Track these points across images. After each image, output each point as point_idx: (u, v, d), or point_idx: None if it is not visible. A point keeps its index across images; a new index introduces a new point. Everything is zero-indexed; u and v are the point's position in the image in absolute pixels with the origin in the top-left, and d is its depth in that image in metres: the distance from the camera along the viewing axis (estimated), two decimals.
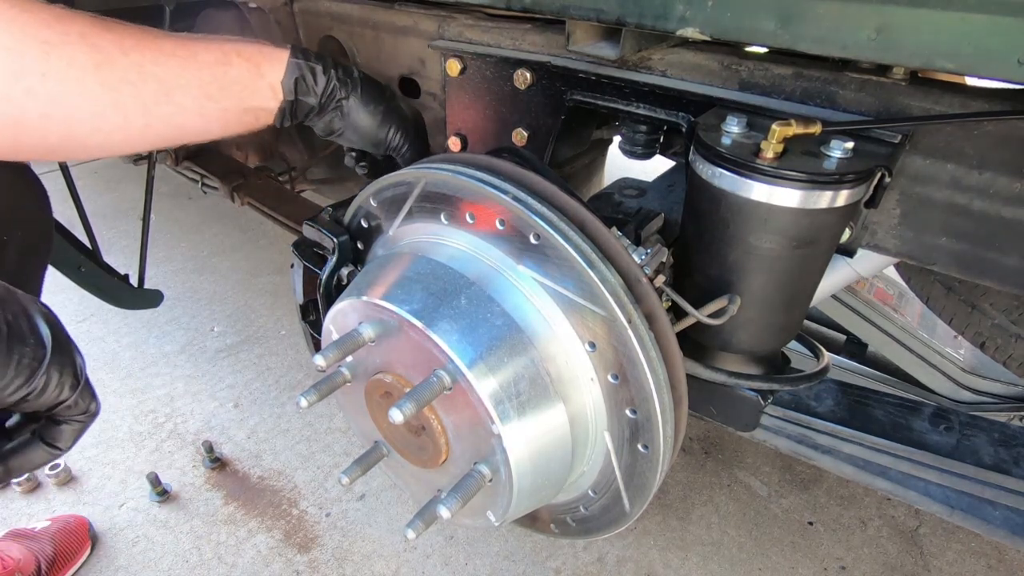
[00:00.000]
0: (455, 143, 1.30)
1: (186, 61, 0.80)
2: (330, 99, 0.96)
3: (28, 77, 0.69)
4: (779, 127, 0.72)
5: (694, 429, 2.11)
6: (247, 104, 0.87)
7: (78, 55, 0.71)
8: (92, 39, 0.72)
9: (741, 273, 0.83)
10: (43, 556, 1.57)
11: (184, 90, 0.80)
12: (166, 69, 0.78)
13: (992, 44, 0.61)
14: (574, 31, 0.95)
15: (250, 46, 0.87)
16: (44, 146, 0.76)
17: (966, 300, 1.35)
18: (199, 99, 0.82)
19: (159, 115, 0.79)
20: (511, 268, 0.77)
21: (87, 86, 0.73)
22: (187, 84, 0.80)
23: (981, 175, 0.79)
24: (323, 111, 0.96)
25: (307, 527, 1.78)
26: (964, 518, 1.20)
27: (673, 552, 1.74)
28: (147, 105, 0.77)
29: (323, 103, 0.95)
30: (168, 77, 0.78)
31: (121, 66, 0.74)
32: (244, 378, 2.29)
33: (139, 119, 0.78)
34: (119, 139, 0.79)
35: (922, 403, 1.32)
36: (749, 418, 0.98)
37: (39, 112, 0.71)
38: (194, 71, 0.81)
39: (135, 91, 0.76)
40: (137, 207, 2.04)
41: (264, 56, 0.87)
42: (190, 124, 0.83)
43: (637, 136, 1.05)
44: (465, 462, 0.79)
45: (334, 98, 0.96)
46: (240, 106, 0.86)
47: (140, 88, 0.76)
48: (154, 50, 0.77)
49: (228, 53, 0.84)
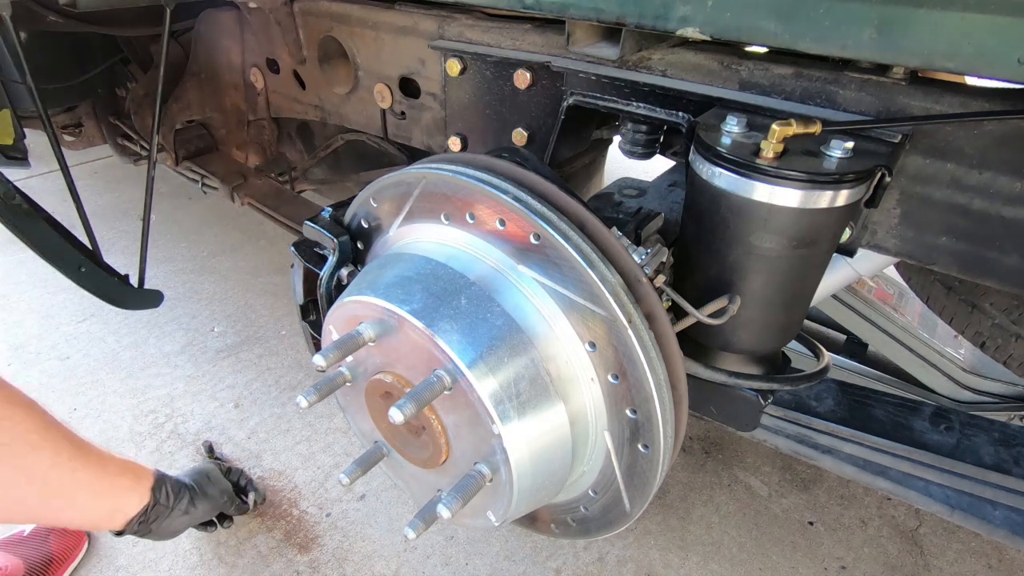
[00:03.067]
0: (455, 143, 1.30)
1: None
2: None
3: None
4: (779, 127, 0.72)
5: (694, 429, 2.11)
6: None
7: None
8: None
9: (741, 273, 0.83)
10: (35, 559, 1.56)
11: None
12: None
13: (992, 44, 0.61)
14: (574, 31, 0.95)
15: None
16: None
17: (966, 300, 1.35)
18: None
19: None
20: (511, 268, 0.77)
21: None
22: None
23: (981, 175, 0.79)
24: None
25: (307, 527, 1.78)
26: (964, 518, 1.20)
27: (673, 552, 1.74)
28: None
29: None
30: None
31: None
32: (244, 378, 2.29)
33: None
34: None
35: (922, 403, 1.32)
36: (749, 418, 0.98)
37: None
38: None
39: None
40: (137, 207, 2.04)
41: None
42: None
43: (637, 136, 1.05)
44: (465, 462, 0.79)
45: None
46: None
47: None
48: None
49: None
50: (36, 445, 1.03)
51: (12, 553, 1.57)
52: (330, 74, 1.56)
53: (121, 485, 1.21)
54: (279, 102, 1.84)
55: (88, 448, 1.15)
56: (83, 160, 3.67)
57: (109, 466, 1.19)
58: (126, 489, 1.23)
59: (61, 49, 2.20)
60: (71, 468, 1.09)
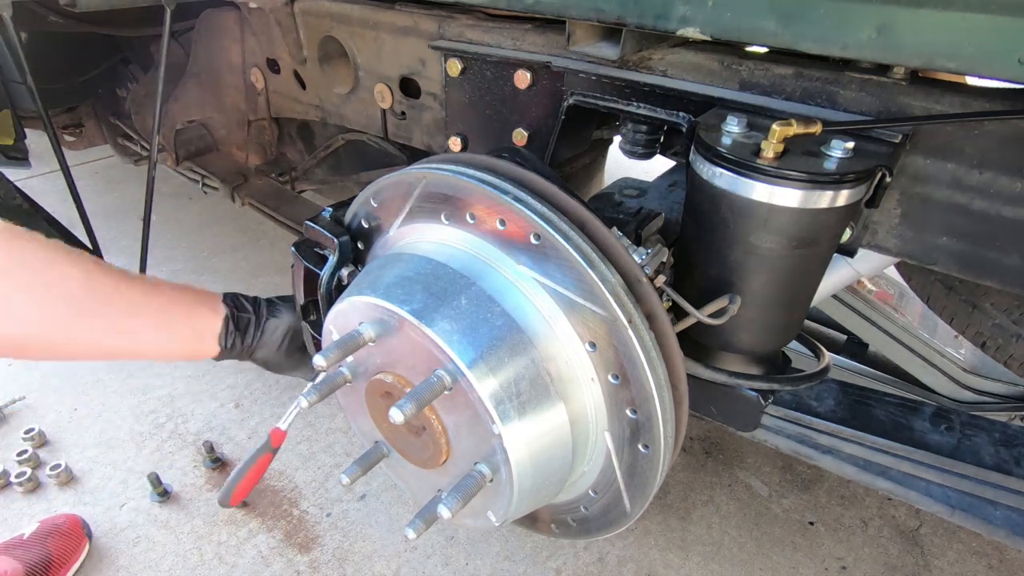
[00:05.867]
0: (455, 143, 1.30)
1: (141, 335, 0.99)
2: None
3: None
4: (779, 127, 0.72)
5: (694, 429, 2.11)
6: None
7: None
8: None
9: (741, 273, 0.83)
10: (35, 562, 1.56)
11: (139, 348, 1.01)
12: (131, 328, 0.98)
13: (992, 43, 0.61)
14: (574, 31, 0.95)
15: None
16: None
17: (967, 300, 1.35)
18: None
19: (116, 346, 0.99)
20: (511, 268, 0.77)
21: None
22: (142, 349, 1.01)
23: (982, 175, 0.79)
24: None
25: (308, 527, 1.78)
26: (965, 518, 1.20)
27: (674, 552, 1.74)
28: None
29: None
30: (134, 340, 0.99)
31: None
32: (245, 378, 2.29)
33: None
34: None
35: (923, 403, 1.32)
36: (750, 418, 0.98)
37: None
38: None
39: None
40: (137, 207, 2.04)
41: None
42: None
43: (637, 136, 1.05)
44: (466, 462, 0.79)
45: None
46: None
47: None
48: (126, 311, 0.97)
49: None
50: (68, 272, 0.91)
51: (11, 556, 1.56)
52: (330, 74, 1.56)
53: (186, 299, 1.04)
54: (279, 102, 1.84)
55: (130, 273, 1.01)
56: (83, 160, 3.67)
57: (164, 284, 1.03)
58: (194, 303, 1.05)
59: (61, 49, 2.20)
60: (117, 288, 0.96)
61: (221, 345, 1.06)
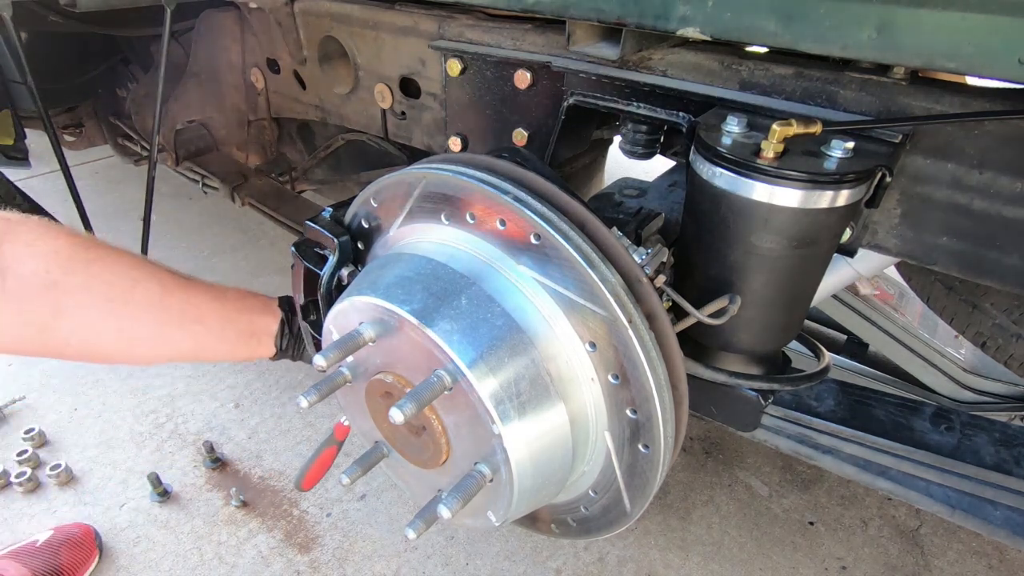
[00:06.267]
0: (455, 143, 1.30)
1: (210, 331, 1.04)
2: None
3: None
4: (779, 127, 0.72)
5: (694, 429, 2.11)
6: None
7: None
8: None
9: (742, 273, 0.83)
10: (44, 571, 1.56)
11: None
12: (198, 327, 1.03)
13: (993, 43, 0.61)
14: (574, 31, 0.95)
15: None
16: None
17: (967, 300, 1.35)
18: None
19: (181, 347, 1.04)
20: (511, 268, 0.77)
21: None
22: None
23: (982, 175, 0.79)
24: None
25: (308, 527, 1.78)
26: (965, 518, 1.20)
27: (674, 552, 1.74)
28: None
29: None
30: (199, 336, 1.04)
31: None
32: (245, 378, 2.29)
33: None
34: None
35: (923, 403, 1.32)
36: (750, 418, 0.98)
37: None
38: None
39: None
40: (137, 207, 2.04)
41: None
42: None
43: (637, 136, 1.05)
44: (466, 462, 0.79)
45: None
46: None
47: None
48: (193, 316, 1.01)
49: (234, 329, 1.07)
50: (138, 279, 0.97)
51: (22, 564, 1.57)
52: (330, 74, 1.56)
53: (247, 304, 1.09)
54: (279, 102, 1.84)
55: (195, 279, 1.06)
56: (84, 160, 3.67)
57: (226, 291, 1.08)
58: (254, 308, 1.10)
59: (61, 49, 2.20)
60: (185, 295, 1.01)
61: (277, 347, 1.11)
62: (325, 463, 1.18)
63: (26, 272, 0.87)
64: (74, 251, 0.92)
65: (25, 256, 0.88)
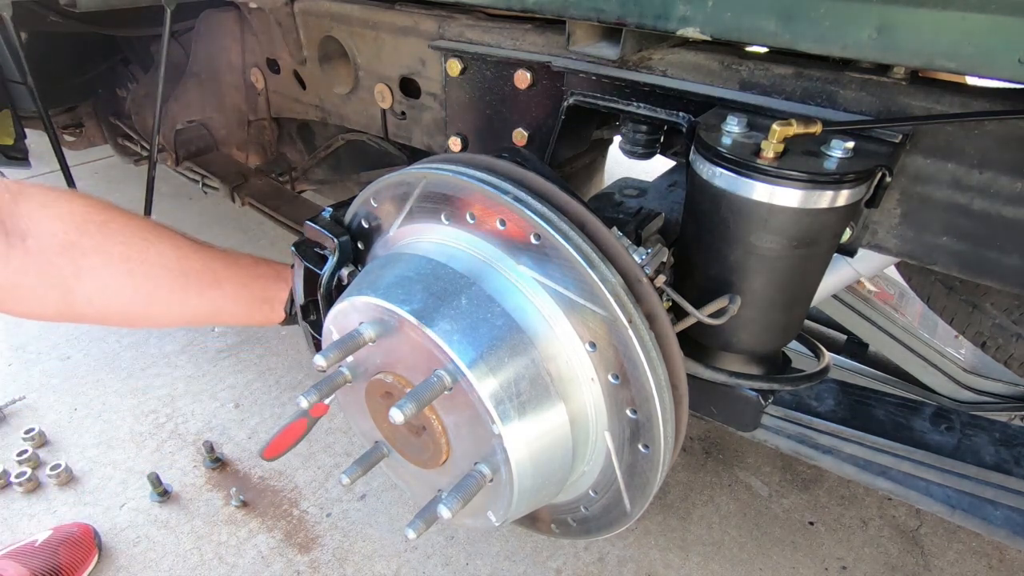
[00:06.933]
0: (455, 143, 1.30)
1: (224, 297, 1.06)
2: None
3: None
4: (779, 127, 0.72)
5: (695, 429, 2.11)
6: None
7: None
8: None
9: (742, 273, 0.83)
10: (43, 570, 1.56)
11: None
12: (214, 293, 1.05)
13: (993, 43, 0.61)
14: (574, 31, 0.95)
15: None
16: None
17: (967, 300, 1.35)
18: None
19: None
20: (511, 268, 0.77)
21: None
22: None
23: (982, 175, 0.79)
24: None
25: (308, 527, 1.78)
26: (965, 518, 1.20)
27: (674, 552, 1.74)
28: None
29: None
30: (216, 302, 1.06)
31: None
32: (245, 378, 2.29)
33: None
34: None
35: (923, 403, 1.32)
36: (750, 418, 0.98)
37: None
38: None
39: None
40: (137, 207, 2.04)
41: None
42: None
43: (637, 136, 1.05)
44: (466, 462, 0.79)
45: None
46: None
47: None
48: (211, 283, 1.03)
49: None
50: (152, 240, 0.98)
51: (21, 564, 1.57)
52: (330, 74, 1.56)
53: (260, 271, 1.11)
54: (279, 102, 1.84)
55: (208, 244, 1.09)
56: (84, 160, 3.67)
57: (240, 256, 1.11)
58: (266, 275, 1.11)
59: (61, 49, 2.20)
60: (201, 259, 1.03)
61: (286, 311, 1.11)
62: (293, 435, 1.17)
63: (44, 232, 0.87)
64: (88, 213, 0.92)
65: (42, 217, 0.88)
